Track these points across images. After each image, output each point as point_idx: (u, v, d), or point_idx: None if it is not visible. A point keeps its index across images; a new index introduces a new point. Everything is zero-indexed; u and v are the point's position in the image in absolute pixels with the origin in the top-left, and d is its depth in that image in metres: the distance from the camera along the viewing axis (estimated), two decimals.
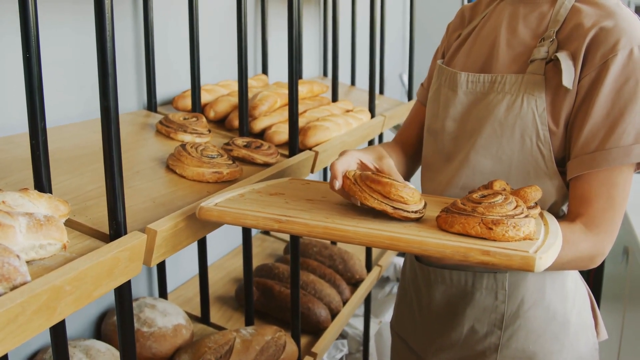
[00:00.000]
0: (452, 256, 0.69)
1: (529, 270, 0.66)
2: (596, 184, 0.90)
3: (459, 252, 0.68)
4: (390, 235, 0.71)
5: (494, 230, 0.71)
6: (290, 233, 0.76)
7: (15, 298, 0.56)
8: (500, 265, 0.67)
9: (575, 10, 0.95)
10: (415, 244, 0.70)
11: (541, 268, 0.66)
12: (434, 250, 0.69)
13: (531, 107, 0.93)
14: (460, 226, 0.73)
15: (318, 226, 0.74)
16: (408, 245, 0.70)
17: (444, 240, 0.70)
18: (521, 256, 0.66)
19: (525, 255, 0.66)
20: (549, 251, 0.68)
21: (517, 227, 0.72)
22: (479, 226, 0.72)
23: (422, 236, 0.71)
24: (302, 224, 0.75)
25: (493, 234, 0.71)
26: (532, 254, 0.66)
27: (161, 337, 1.21)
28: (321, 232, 0.74)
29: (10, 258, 0.60)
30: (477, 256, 0.68)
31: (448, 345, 1.06)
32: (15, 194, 0.71)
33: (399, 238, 0.71)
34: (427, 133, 1.11)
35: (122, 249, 0.70)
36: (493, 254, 0.67)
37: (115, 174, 0.74)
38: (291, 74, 1.21)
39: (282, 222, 0.76)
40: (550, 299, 1.00)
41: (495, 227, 0.71)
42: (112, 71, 0.72)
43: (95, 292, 0.67)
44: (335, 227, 0.74)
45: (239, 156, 1.14)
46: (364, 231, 0.72)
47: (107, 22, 0.70)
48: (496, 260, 0.67)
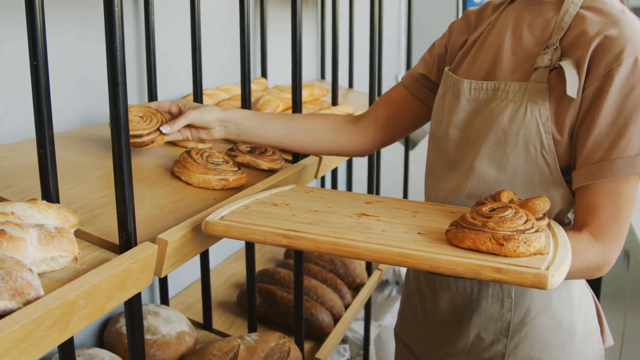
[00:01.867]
0: (463, 274, 0.68)
1: (541, 288, 0.66)
2: (602, 194, 0.90)
3: (471, 270, 0.68)
4: (400, 252, 0.70)
5: (505, 247, 0.71)
6: (298, 249, 0.75)
7: (30, 314, 0.55)
8: (512, 282, 0.67)
9: (580, 17, 0.94)
10: (426, 261, 0.69)
11: (554, 286, 0.65)
12: (445, 268, 0.68)
13: (535, 115, 0.93)
14: (470, 242, 0.73)
15: (327, 242, 0.73)
16: (419, 262, 0.70)
17: (455, 257, 0.69)
18: (533, 274, 0.66)
19: (537, 273, 0.65)
20: (560, 268, 0.68)
21: (528, 242, 0.71)
22: (490, 242, 0.72)
23: (433, 253, 0.70)
24: (310, 240, 0.74)
25: (504, 250, 0.71)
26: (544, 271, 0.66)
27: (165, 345, 1.20)
28: (330, 248, 0.73)
29: (23, 272, 0.59)
30: (489, 274, 0.67)
31: (454, 353, 1.06)
32: (24, 204, 0.70)
33: (410, 255, 0.70)
34: (431, 140, 1.11)
35: (134, 260, 0.69)
36: (505, 271, 0.67)
37: (125, 184, 0.73)
38: (295, 78, 1.20)
39: (291, 238, 0.75)
40: (557, 306, 1.00)
41: (506, 243, 0.71)
42: (122, 80, 0.71)
43: (108, 304, 0.66)
44: (344, 242, 0.73)
45: (243, 162, 1.13)
46: (373, 247, 0.72)
47: (117, 31, 0.69)
48: (508, 278, 0.67)
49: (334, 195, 1.01)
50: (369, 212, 0.88)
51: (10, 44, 1.02)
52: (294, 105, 1.21)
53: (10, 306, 0.57)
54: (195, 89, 1.30)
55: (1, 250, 0.62)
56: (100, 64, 1.23)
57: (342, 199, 0.97)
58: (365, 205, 0.92)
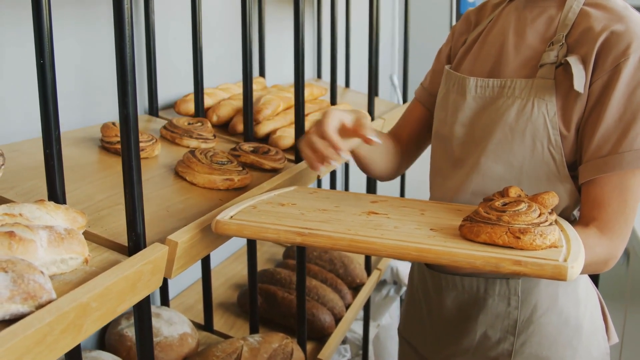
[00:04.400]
0: (482, 267, 0.68)
1: (560, 280, 0.66)
2: (609, 187, 0.90)
3: (490, 263, 0.68)
4: (418, 246, 0.70)
5: (522, 240, 0.71)
6: (313, 246, 0.74)
7: (43, 318, 0.54)
8: (532, 275, 0.66)
9: (584, 14, 0.95)
10: (444, 255, 0.69)
11: (573, 277, 0.65)
12: (464, 262, 0.68)
13: (542, 111, 0.93)
14: (486, 235, 0.72)
15: (343, 239, 0.73)
16: (437, 257, 0.69)
17: (473, 251, 0.69)
18: (553, 265, 0.66)
19: (557, 265, 0.66)
20: (577, 259, 0.68)
21: (543, 235, 0.71)
22: (506, 235, 0.71)
23: (451, 247, 0.70)
24: (325, 237, 0.73)
25: (521, 243, 0.70)
26: (563, 262, 0.66)
27: (167, 347, 1.18)
28: (346, 244, 0.73)
29: (35, 275, 0.57)
30: (508, 266, 0.67)
31: (460, 351, 1.06)
32: (32, 205, 0.69)
33: (428, 249, 0.70)
34: (435, 139, 1.10)
35: (145, 262, 0.68)
36: (525, 263, 0.67)
37: (134, 184, 0.72)
38: (297, 78, 1.19)
39: (305, 235, 0.74)
40: (564, 304, 1.00)
41: (522, 236, 0.71)
42: (131, 79, 0.70)
43: (119, 307, 0.65)
44: (361, 239, 0.72)
45: (247, 162, 1.12)
46: (391, 243, 0.71)
47: (127, 29, 0.68)
48: (528, 270, 0.66)
49: (338, 195, 1.00)
50: (377, 210, 0.87)
51: (12, 44, 1.01)
52: (296, 105, 1.20)
53: (22, 310, 0.56)
54: (196, 88, 1.28)
55: (11, 252, 0.61)
56: (100, 63, 1.21)
57: (347, 199, 0.96)
58: (371, 204, 0.92)
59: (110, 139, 1.03)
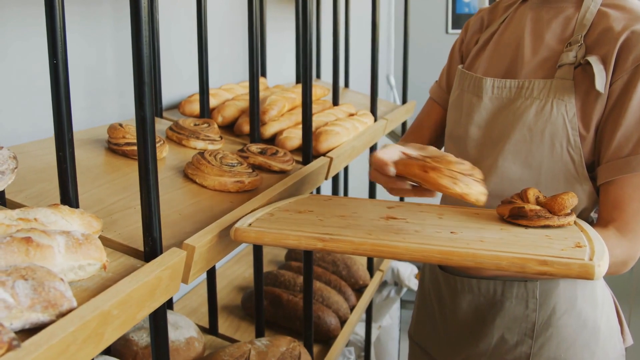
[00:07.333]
0: (508, 268, 0.67)
1: (587, 279, 0.65)
2: (629, 188, 0.90)
3: (516, 264, 0.67)
4: (442, 249, 0.69)
5: (429, 174, 0.77)
6: (335, 252, 0.73)
7: (66, 327, 0.52)
8: (558, 275, 0.66)
9: (602, 14, 0.94)
10: (469, 257, 0.68)
11: (600, 275, 0.65)
12: (489, 263, 0.67)
13: (561, 112, 0.92)
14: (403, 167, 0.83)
15: (365, 243, 0.72)
16: (462, 259, 0.68)
17: (498, 252, 0.68)
18: (580, 264, 0.65)
19: (584, 264, 0.65)
20: (603, 258, 0.67)
21: (454, 178, 0.76)
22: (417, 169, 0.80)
23: (475, 249, 0.69)
24: (348, 242, 0.72)
25: (427, 177, 0.78)
26: (589, 261, 0.65)
27: (174, 352, 1.16)
28: (369, 249, 0.71)
29: (55, 282, 0.56)
30: (534, 266, 0.66)
31: (476, 355, 1.05)
32: (47, 210, 0.67)
33: (452, 252, 0.69)
34: (449, 140, 1.09)
35: (164, 267, 0.66)
36: (551, 263, 0.66)
37: (151, 188, 0.70)
38: (305, 78, 1.18)
39: (327, 241, 0.73)
40: (582, 306, 1.00)
41: (431, 172, 0.77)
42: (148, 80, 0.68)
43: (139, 314, 0.63)
44: (384, 243, 0.71)
45: (255, 163, 1.11)
46: (415, 247, 0.70)
47: (144, 28, 0.66)
48: (554, 270, 0.66)
49: (354, 201, 0.99)
50: (395, 215, 0.86)
51: (16, 44, 0.99)
52: (304, 106, 1.19)
53: (43, 319, 0.54)
54: (201, 88, 1.26)
55: (28, 259, 0.59)
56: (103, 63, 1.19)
57: (364, 205, 0.95)
58: (389, 210, 0.91)
59: (118, 140, 1.01)
